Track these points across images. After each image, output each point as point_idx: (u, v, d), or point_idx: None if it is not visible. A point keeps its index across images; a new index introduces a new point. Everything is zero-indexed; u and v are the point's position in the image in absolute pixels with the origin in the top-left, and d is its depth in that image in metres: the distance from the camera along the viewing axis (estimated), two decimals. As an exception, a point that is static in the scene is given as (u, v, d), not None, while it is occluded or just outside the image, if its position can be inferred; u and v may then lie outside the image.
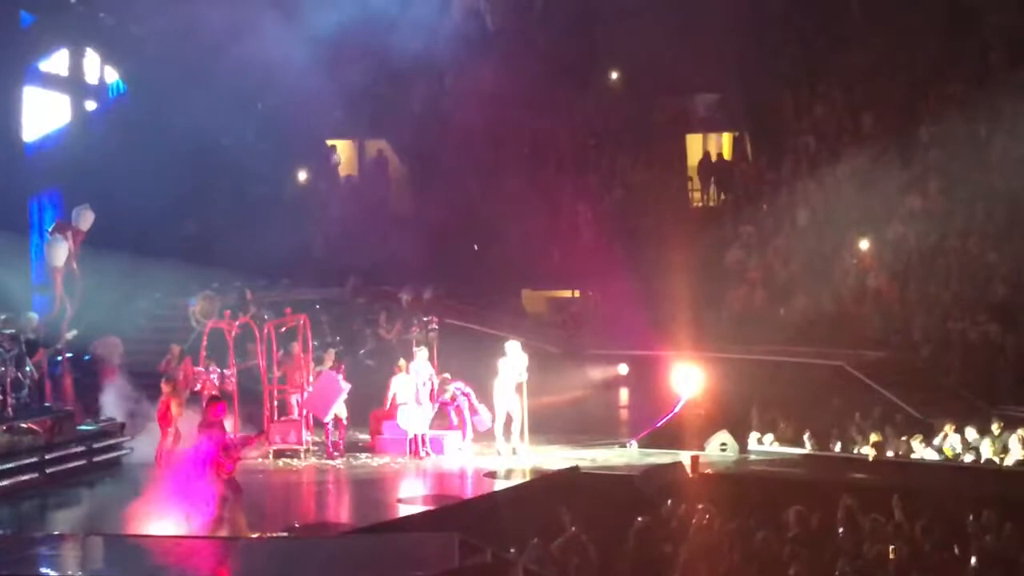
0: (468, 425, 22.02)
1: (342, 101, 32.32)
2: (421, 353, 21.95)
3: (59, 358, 22.32)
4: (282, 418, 21.95)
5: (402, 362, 22.11)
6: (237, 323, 22.40)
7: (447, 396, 22.04)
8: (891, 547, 15.14)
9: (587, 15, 34.33)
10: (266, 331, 21.97)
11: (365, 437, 22.60)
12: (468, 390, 22.09)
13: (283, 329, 22.32)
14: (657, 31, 31.85)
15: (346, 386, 21.66)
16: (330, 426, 21.66)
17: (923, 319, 26.60)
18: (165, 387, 20.55)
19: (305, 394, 21.85)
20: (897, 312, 27.10)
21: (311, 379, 21.97)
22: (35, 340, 21.26)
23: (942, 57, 31.01)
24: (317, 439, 22.08)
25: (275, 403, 21.94)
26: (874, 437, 21.66)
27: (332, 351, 22.81)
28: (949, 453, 21.58)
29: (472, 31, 34.18)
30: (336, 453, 21.57)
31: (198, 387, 21.39)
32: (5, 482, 19.08)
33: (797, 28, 32.27)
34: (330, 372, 21.93)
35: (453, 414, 22.14)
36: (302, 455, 21.48)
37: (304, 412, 21.88)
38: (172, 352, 22.45)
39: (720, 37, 32.26)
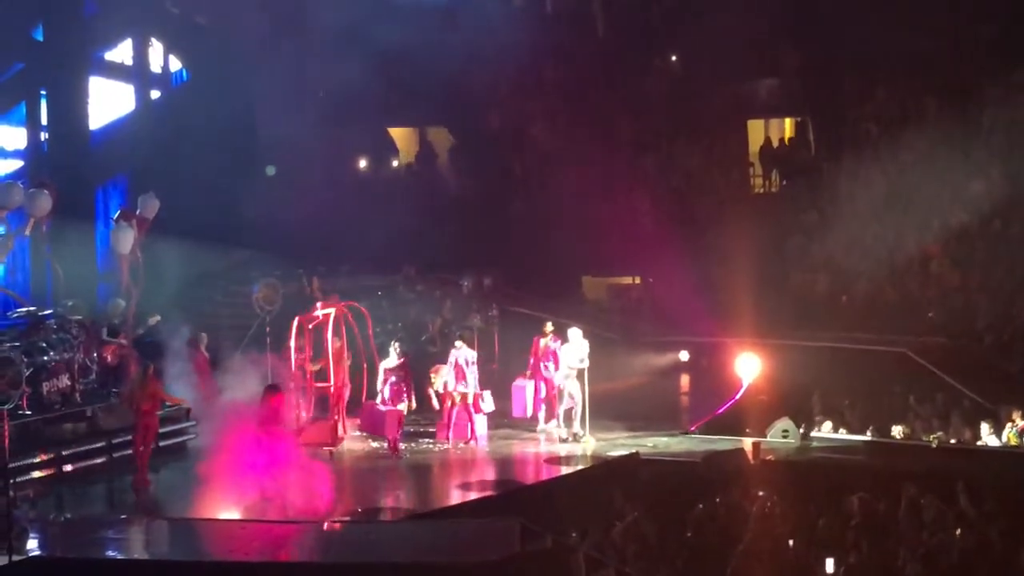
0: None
1: (401, 89, 32.43)
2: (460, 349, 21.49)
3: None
4: (317, 418, 21.10)
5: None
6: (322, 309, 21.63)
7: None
8: (957, 532, 15.08)
9: (647, -2, 34.32)
10: (296, 323, 21.10)
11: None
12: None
13: (311, 326, 21.31)
14: (718, 15, 31.65)
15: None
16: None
17: (987, 306, 26.33)
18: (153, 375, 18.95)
19: (346, 390, 21.31)
20: (960, 299, 26.85)
21: (379, 373, 21.14)
22: (118, 325, 21.60)
23: (1005, 42, 30.64)
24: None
25: (312, 398, 21.27)
26: (934, 438, 21.44)
27: (397, 344, 21.50)
28: (1014, 440, 21.39)
29: (531, 15, 34.16)
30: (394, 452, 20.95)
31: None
32: (73, 466, 19.42)
33: (859, 11, 31.94)
34: (377, 415, 20.89)
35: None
36: (332, 455, 20.59)
37: (340, 408, 21.18)
38: (201, 338, 22.36)
39: (781, 21, 32.04)
